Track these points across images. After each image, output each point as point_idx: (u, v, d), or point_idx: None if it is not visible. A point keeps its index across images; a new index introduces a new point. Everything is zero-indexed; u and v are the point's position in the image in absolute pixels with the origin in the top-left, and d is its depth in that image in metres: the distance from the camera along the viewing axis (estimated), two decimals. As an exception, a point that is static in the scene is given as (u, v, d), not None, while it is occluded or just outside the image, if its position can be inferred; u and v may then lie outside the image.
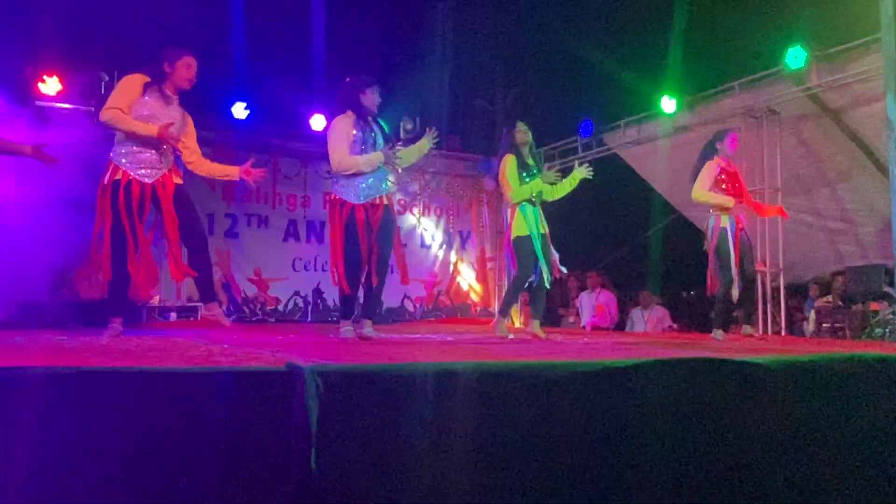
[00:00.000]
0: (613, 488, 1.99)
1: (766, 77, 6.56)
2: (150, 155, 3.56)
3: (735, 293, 4.70)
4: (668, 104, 7.20)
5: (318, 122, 7.73)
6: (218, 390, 1.79)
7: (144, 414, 1.70)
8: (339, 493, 1.73)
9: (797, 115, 6.63)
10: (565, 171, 5.16)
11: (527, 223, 4.51)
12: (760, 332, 6.51)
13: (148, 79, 3.64)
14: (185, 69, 3.66)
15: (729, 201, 4.73)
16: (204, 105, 7.15)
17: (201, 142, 4.03)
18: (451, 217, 9.55)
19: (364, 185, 3.98)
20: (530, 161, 4.66)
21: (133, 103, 3.53)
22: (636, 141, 7.95)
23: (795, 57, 6.11)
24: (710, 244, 4.82)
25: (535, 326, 4.54)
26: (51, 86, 6.40)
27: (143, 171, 3.54)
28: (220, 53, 6.52)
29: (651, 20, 7.42)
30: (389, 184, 4.10)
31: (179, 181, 3.71)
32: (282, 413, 1.77)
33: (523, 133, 4.61)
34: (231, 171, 3.92)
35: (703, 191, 4.79)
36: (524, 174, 4.56)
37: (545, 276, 4.49)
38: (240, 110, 7.46)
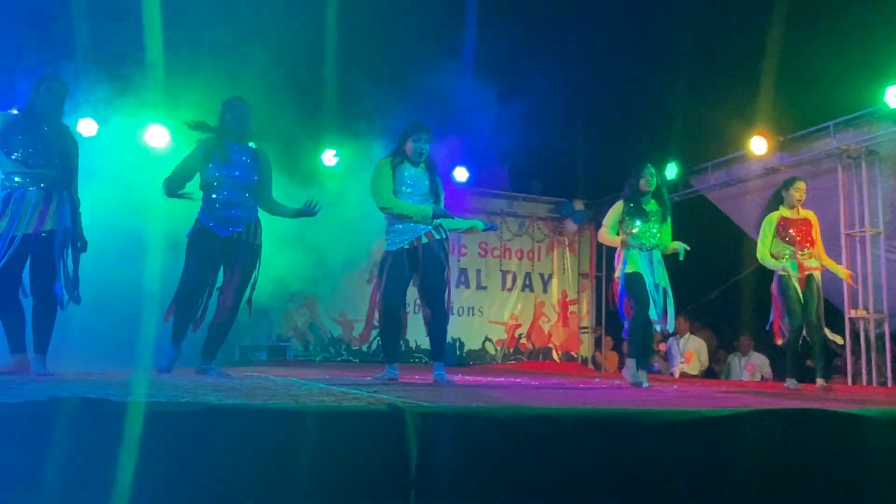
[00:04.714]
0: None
1: (863, 116, 6.34)
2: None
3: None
4: (758, 145, 7.04)
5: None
6: (323, 428, 1.87)
7: (249, 449, 1.78)
8: (439, 533, 1.75)
9: (899, 155, 6.34)
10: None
11: (637, 262, 4.48)
12: (864, 382, 6.17)
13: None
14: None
15: (783, 268, 4.77)
16: (297, 152, 7.51)
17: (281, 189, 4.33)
18: (532, 260, 9.55)
19: (402, 232, 3.99)
20: (650, 206, 4.58)
21: None
22: (724, 183, 7.78)
23: (895, 95, 5.88)
24: (773, 292, 4.89)
25: (642, 375, 4.45)
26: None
27: None
28: (316, 104, 6.84)
29: (739, 59, 7.31)
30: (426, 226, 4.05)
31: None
32: (383, 452, 1.82)
33: (646, 179, 4.55)
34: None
35: (763, 255, 4.91)
36: (634, 221, 4.53)
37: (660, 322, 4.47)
38: (329, 157, 7.77)
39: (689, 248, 4.53)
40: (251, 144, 4.16)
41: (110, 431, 1.59)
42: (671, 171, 7.95)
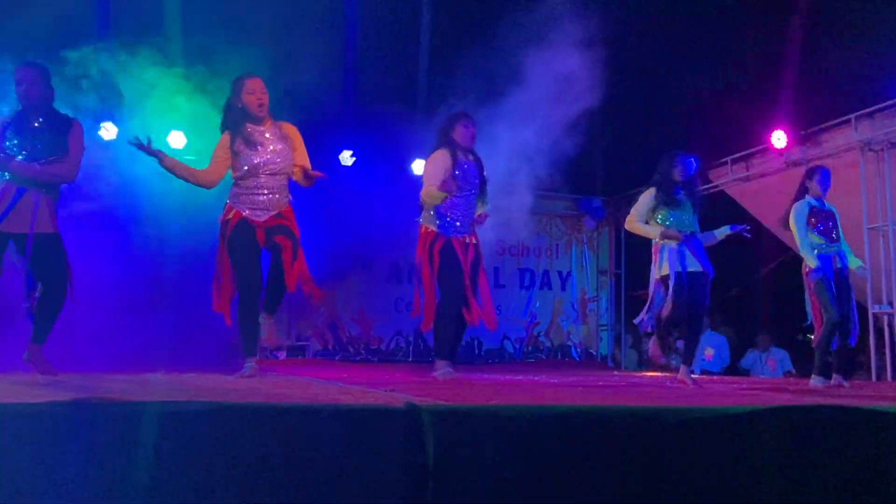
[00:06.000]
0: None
1: (885, 109, 6.24)
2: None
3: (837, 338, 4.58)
4: (778, 139, 6.96)
5: (419, 167, 7.96)
6: (341, 427, 1.87)
7: (268, 447, 1.80)
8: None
9: (922, 148, 6.24)
10: None
11: (668, 263, 4.33)
12: (889, 378, 6.08)
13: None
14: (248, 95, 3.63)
15: (814, 262, 4.56)
16: (313, 153, 7.54)
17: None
18: (550, 258, 9.51)
19: (457, 222, 3.89)
20: (680, 195, 4.41)
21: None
22: (744, 177, 7.70)
23: (918, 87, 5.79)
24: (808, 286, 4.68)
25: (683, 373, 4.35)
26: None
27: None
28: (331, 105, 6.85)
29: (759, 51, 7.22)
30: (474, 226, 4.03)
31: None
32: (400, 449, 1.83)
33: (680, 168, 4.38)
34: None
35: (804, 246, 4.64)
36: (667, 210, 4.35)
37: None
38: (346, 158, 7.80)
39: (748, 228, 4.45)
40: (275, 120, 3.75)
41: (128, 431, 1.61)
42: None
